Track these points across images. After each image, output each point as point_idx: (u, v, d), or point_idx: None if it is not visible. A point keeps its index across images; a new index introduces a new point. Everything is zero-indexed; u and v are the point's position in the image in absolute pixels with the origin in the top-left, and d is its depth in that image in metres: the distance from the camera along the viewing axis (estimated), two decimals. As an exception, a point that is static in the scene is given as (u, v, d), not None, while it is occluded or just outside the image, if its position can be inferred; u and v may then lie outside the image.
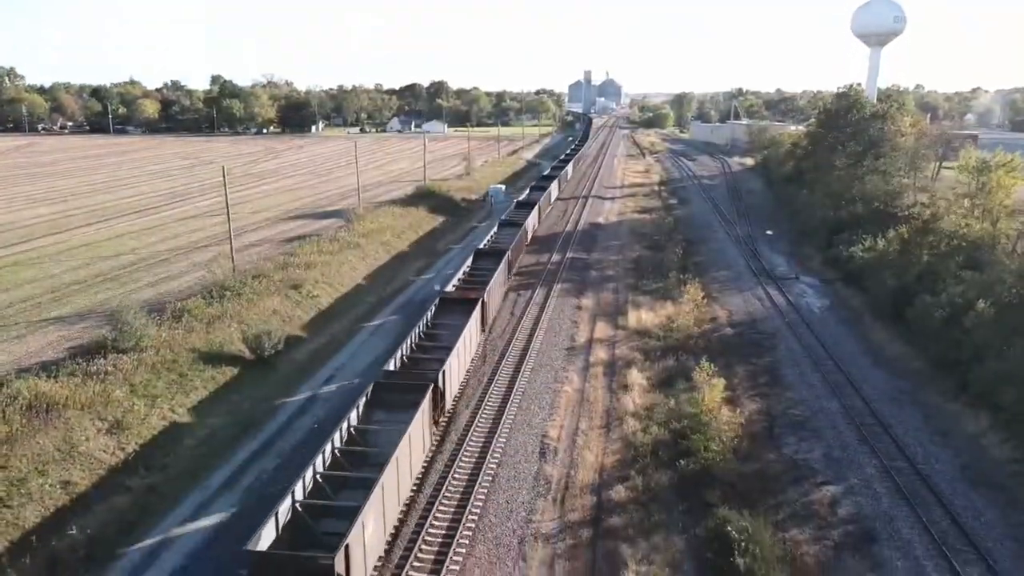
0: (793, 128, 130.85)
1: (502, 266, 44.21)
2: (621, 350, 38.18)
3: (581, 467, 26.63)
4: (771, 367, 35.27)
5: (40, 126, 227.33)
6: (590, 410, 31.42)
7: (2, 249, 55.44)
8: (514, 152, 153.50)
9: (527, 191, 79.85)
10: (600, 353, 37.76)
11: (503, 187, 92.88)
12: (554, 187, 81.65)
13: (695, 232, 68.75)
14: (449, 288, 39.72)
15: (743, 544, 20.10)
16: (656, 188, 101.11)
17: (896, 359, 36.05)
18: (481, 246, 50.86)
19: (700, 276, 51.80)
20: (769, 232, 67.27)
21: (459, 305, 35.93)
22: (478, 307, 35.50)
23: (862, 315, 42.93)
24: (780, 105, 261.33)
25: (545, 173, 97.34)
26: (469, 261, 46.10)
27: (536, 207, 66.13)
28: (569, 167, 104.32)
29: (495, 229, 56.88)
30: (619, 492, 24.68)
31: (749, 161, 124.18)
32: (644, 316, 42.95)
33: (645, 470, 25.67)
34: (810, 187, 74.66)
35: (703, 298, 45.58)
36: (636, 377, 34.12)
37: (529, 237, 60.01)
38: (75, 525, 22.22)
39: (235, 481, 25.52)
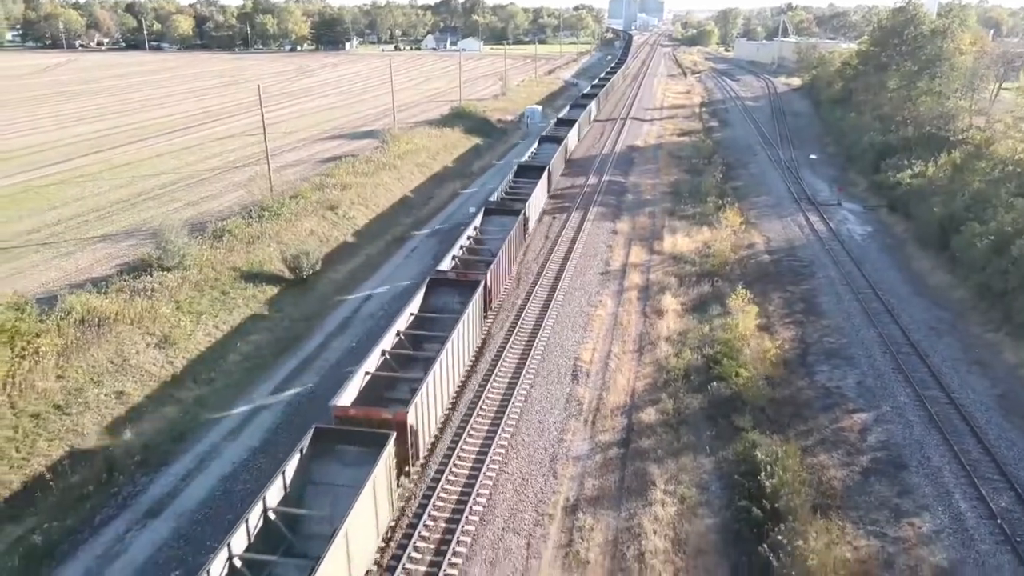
0: (844, 46, 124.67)
1: (542, 180, 46.16)
2: (656, 275, 38.07)
3: (612, 389, 27.06)
4: (808, 295, 34.91)
5: (77, 43, 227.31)
6: (623, 334, 31.65)
7: (47, 168, 56.56)
8: (551, 71, 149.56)
9: (565, 111, 78.26)
10: (634, 277, 37.71)
11: (539, 108, 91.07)
12: (592, 108, 79.82)
13: (736, 156, 67.02)
14: (494, 198, 43.43)
15: (770, 467, 20.46)
16: (697, 110, 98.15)
17: (938, 288, 35.38)
18: (522, 160, 52.57)
19: (739, 201, 50.82)
20: (813, 156, 65.30)
21: (503, 215, 38.54)
22: (521, 216, 37.88)
23: (905, 243, 41.95)
24: (832, 21, 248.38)
25: (583, 93, 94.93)
26: (510, 176, 48.03)
27: (575, 125, 66.07)
28: (607, 87, 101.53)
29: (535, 145, 58.05)
30: (649, 414, 25.12)
31: (796, 81, 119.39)
32: (680, 241, 42.55)
33: (676, 394, 26.01)
34: (859, 109, 71.76)
35: (741, 223, 44.88)
36: (670, 302, 34.12)
37: (569, 152, 61.69)
38: (129, 432, 23.49)
39: (277, 395, 26.51)
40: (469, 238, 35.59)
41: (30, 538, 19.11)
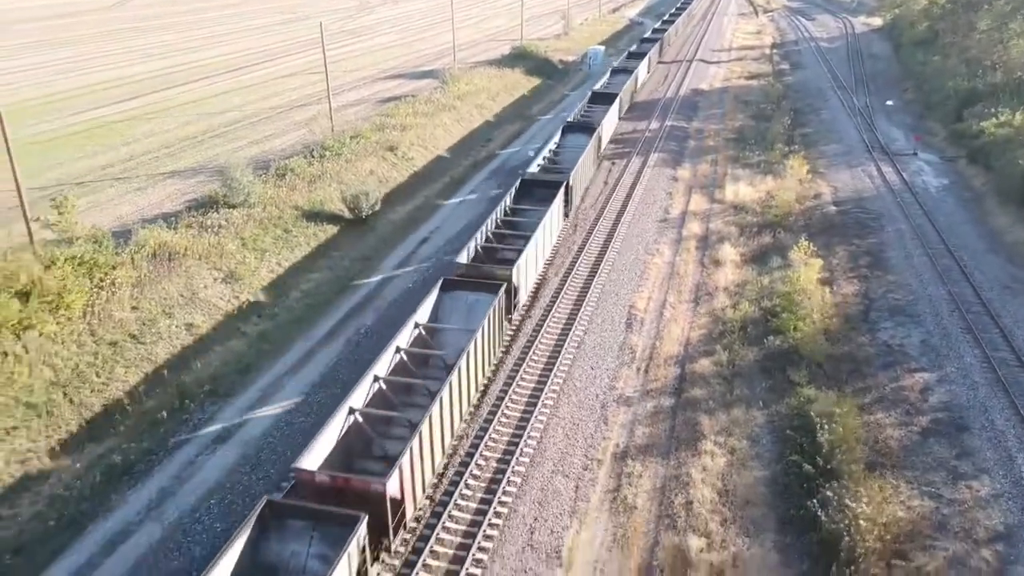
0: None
1: (615, 105, 49.23)
2: (715, 224, 37.31)
3: (666, 339, 26.98)
4: (875, 248, 33.74)
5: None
6: (679, 284, 31.33)
7: (117, 104, 58.10)
8: (616, 10, 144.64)
9: (628, 52, 75.99)
10: (693, 226, 37.05)
11: (602, 49, 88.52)
12: (655, 50, 77.24)
13: (806, 101, 64.20)
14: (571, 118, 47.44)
15: (825, 423, 20.26)
16: (767, 51, 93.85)
17: (1016, 246, 33.70)
18: (596, 88, 55.48)
19: (806, 149, 48.96)
20: (890, 103, 62.09)
21: (580, 131, 42.99)
22: (596, 134, 41.85)
23: (984, 197, 39.90)
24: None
25: (648, 35, 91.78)
26: (584, 102, 51.25)
27: (645, 59, 67.03)
28: (673, 27, 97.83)
29: (607, 76, 60.86)
30: (703, 365, 25.02)
31: (876, 21, 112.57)
32: (742, 190, 41.42)
33: (731, 346, 25.78)
34: (944, 52, 67.50)
35: (807, 173, 43.31)
36: (729, 252, 33.50)
37: (638, 84, 63.79)
38: (199, 363, 24.65)
39: (337, 332, 27.31)
40: (550, 150, 40.31)
41: (110, 457, 20.46)
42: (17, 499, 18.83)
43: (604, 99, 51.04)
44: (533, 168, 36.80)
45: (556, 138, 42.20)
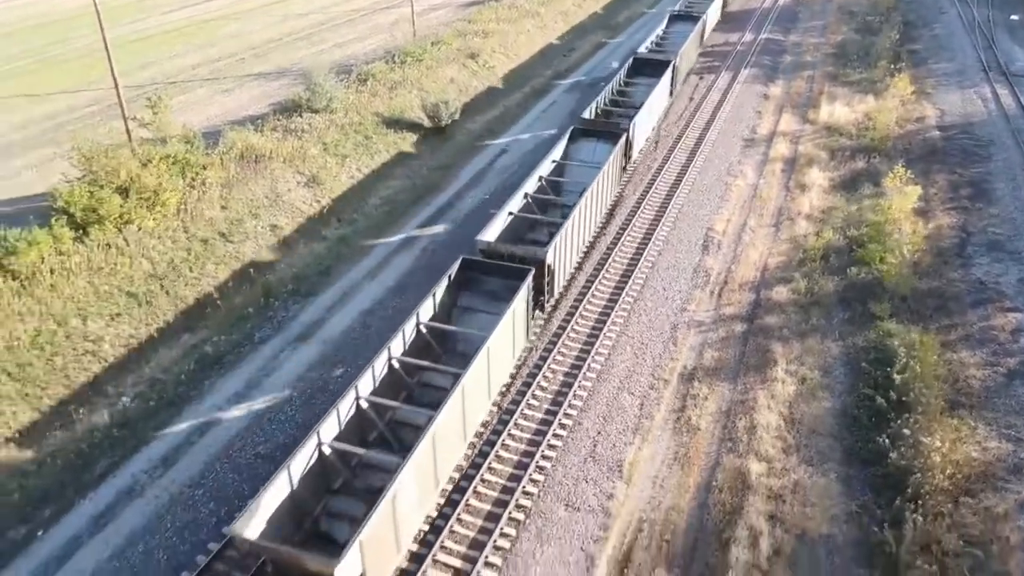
0: None
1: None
2: (805, 146, 35.56)
3: (743, 264, 26.40)
4: (979, 178, 31.58)
5: None
6: (761, 207, 30.33)
7: (207, 3, 58.75)
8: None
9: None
10: (781, 148, 35.42)
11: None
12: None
13: (919, 13, 59.09)
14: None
15: (904, 358, 19.71)
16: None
17: None
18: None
19: (913, 68, 45.41)
20: (1015, 17, 56.46)
21: (685, 20, 46.16)
22: (700, 21, 45.21)
23: (1111, 127, 36.44)
24: None
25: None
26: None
27: None
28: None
29: None
30: (779, 292, 24.48)
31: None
32: (839, 110, 39.08)
33: (811, 274, 25.04)
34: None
35: (912, 93, 40.37)
36: (817, 177, 32.03)
37: None
38: (283, 263, 25.73)
39: (412, 241, 27.87)
40: (657, 35, 43.36)
41: (202, 347, 21.92)
42: (123, 379, 20.53)
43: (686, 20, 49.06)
44: (642, 49, 40.47)
45: (663, 26, 45.78)
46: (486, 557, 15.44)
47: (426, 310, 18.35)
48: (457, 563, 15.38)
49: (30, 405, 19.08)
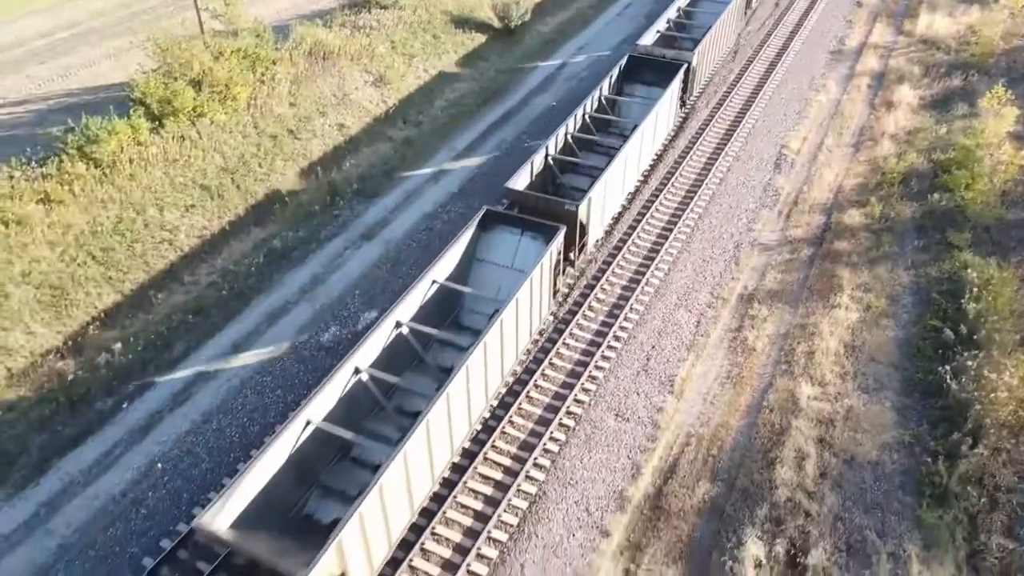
0: None
1: None
2: (897, 61, 33.28)
3: (816, 184, 25.42)
4: (1087, 104, 29.16)
5: None
6: (841, 125, 28.85)
7: None
8: None
9: None
10: (870, 61, 33.25)
11: None
12: None
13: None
14: None
15: (979, 290, 18.96)
16: None
17: None
18: None
19: (1031, -24, 41.37)
20: None
21: None
22: None
23: None
24: None
25: None
26: None
27: None
28: None
29: None
30: (852, 216, 23.58)
31: None
32: (938, 22, 36.17)
33: (888, 199, 23.97)
34: None
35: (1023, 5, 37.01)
36: (906, 94, 30.09)
37: None
38: (349, 162, 25.98)
39: (478, 145, 27.66)
40: None
41: (271, 242, 22.63)
42: (196, 268, 21.49)
43: None
44: None
45: None
46: (535, 459, 16.05)
47: (445, 265, 17.10)
48: (507, 462, 16.05)
49: (113, 288, 20.25)
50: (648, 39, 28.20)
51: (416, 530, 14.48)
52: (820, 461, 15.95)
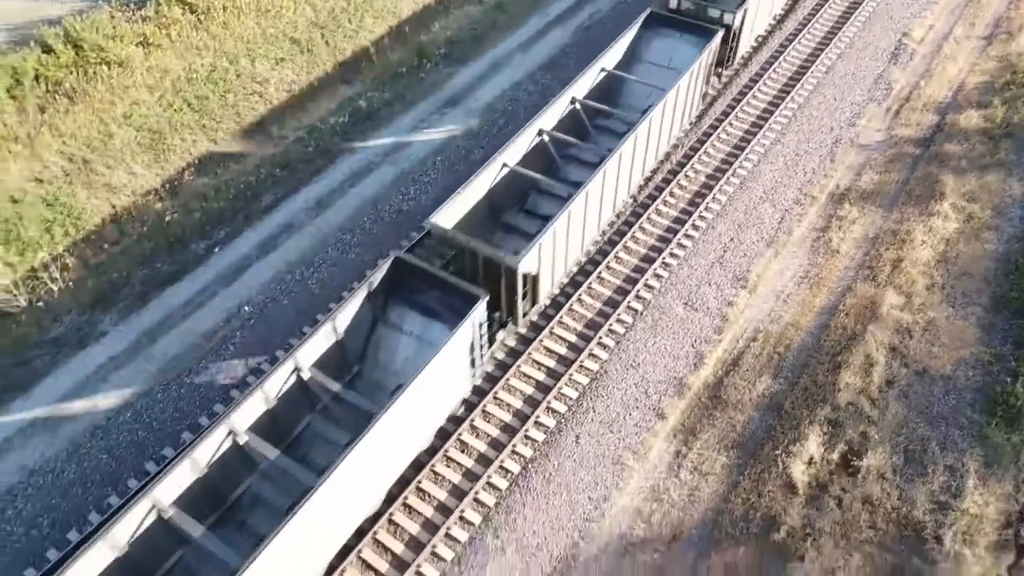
0: None
1: None
2: (1055, -57, 29.35)
3: (935, 80, 23.42)
4: None
5: None
6: (974, 13, 26.11)
7: None
8: None
9: None
10: (1023, -58, 29.45)
11: None
12: None
13: None
14: None
15: (1097, 211, 17.58)
16: None
17: None
18: None
19: None
20: None
21: None
22: None
23: None
24: None
25: None
26: None
27: None
28: None
29: None
30: (969, 118, 21.78)
31: None
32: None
33: (1014, 101, 21.94)
34: None
35: None
36: (1059, -17, 26.79)
37: None
38: (437, 25, 25.31)
39: (570, 15, 26.39)
40: None
41: (357, 101, 22.68)
42: (285, 123, 21.88)
43: None
44: None
45: None
46: (600, 338, 16.37)
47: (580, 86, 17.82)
48: (572, 338, 16.44)
49: (207, 136, 20.92)
50: None
51: (479, 393, 15.24)
52: (889, 370, 15.71)
